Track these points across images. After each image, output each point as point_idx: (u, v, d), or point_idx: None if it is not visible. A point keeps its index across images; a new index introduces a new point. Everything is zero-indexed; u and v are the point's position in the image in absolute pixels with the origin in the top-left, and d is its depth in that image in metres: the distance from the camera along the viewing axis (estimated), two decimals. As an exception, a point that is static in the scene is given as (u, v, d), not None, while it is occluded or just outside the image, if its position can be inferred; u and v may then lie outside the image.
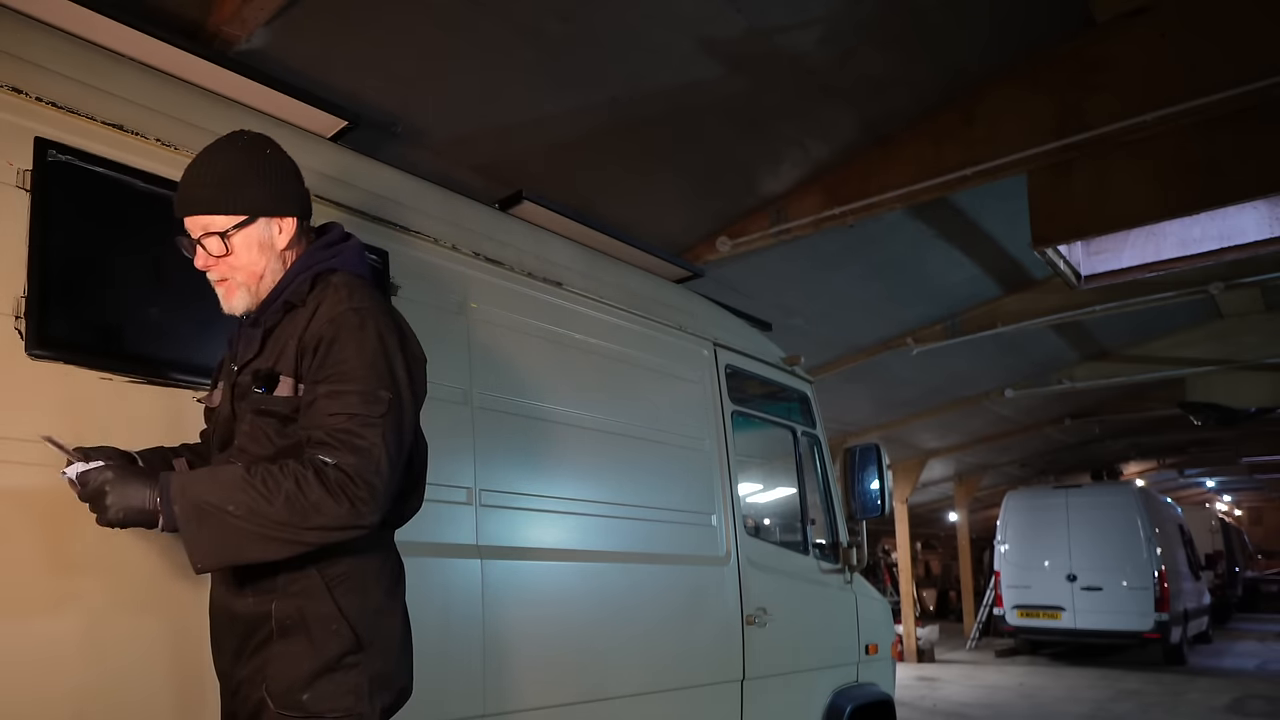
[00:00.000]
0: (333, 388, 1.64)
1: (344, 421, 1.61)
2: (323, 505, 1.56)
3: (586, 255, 3.37)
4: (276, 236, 1.77)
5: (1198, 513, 21.95)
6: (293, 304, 1.75)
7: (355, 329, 1.67)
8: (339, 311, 1.68)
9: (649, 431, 3.34)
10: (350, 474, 1.58)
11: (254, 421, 1.73)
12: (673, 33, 4.08)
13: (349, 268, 1.82)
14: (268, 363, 1.73)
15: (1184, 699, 9.65)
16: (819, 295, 7.41)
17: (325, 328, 1.67)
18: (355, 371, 1.64)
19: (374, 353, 1.67)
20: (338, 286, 1.74)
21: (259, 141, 1.80)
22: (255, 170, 1.74)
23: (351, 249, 1.86)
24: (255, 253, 1.75)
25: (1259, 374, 10.35)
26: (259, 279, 1.78)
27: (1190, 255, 6.20)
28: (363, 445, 1.60)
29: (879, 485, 4.28)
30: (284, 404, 1.70)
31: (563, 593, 2.86)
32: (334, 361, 1.65)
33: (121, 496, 1.55)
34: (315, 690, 1.64)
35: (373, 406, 1.63)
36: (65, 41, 2.06)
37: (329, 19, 3.56)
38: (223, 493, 1.56)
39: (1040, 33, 4.78)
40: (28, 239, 1.84)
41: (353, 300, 1.70)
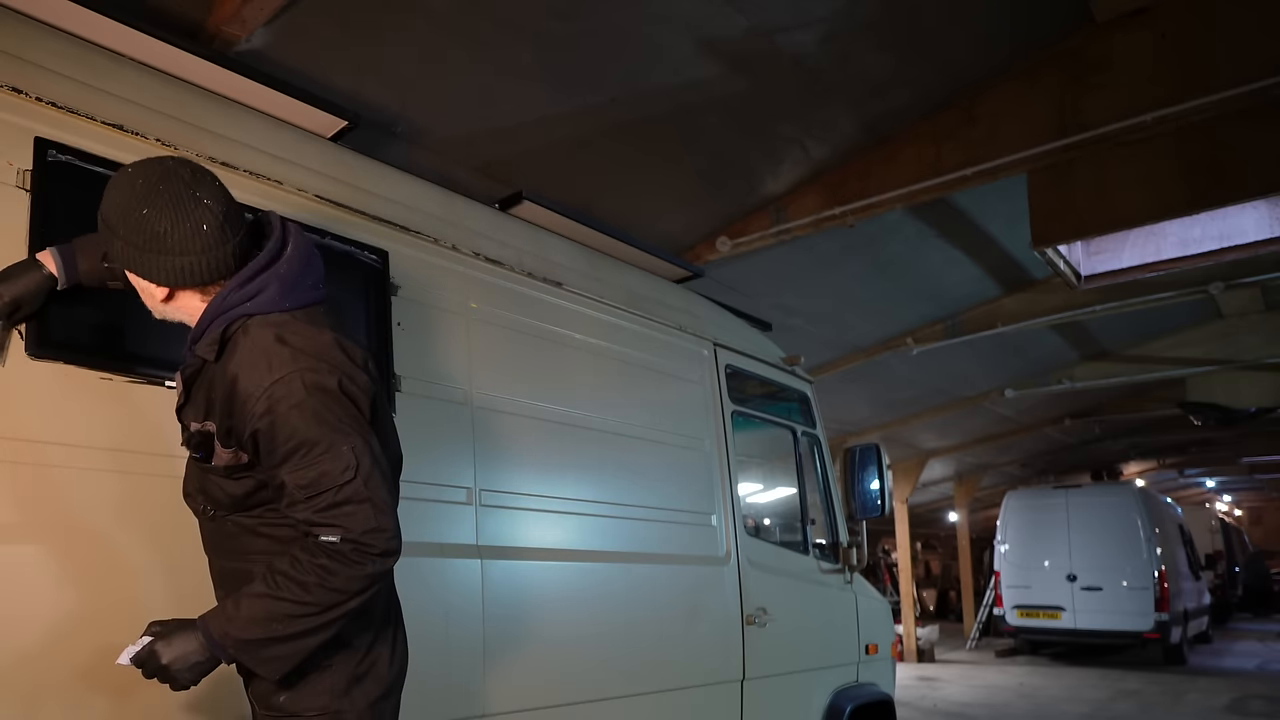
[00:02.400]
0: (295, 467, 1.58)
1: (326, 498, 1.58)
2: (352, 577, 1.59)
3: (586, 255, 3.37)
4: (152, 291, 1.68)
5: (1198, 513, 21.95)
6: (206, 359, 1.67)
7: (285, 400, 1.58)
8: (262, 389, 1.58)
9: (649, 431, 3.34)
10: (359, 540, 1.58)
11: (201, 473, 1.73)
12: (673, 33, 4.08)
13: (267, 308, 1.66)
14: (197, 417, 1.69)
15: (1184, 699, 9.65)
16: (819, 295, 7.41)
17: (256, 415, 1.58)
18: (307, 441, 1.58)
19: (314, 412, 1.59)
20: (250, 353, 1.62)
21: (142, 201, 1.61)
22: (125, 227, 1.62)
23: (274, 278, 1.67)
24: (141, 292, 1.71)
25: (1259, 374, 10.35)
26: (155, 311, 1.73)
27: (1190, 255, 6.21)
28: (350, 509, 1.59)
29: (879, 485, 4.28)
30: (224, 470, 1.68)
31: (563, 593, 2.86)
32: (283, 442, 1.58)
33: (180, 660, 1.56)
34: (291, 692, 1.68)
35: (340, 463, 1.58)
36: (65, 41, 2.06)
37: (329, 19, 3.56)
38: (261, 623, 1.57)
39: (1041, 32, 4.78)
40: (28, 239, 1.85)
41: (272, 369, 1.59)
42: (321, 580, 1.57)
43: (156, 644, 1.57)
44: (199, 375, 1.70)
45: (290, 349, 1.62)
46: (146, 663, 1.57)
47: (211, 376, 1.67)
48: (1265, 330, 9.59)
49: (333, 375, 1.63)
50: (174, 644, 1.56)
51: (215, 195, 1.64)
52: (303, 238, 1.77)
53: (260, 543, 1.72)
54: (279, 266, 1.69)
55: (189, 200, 1.60)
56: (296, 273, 1.71)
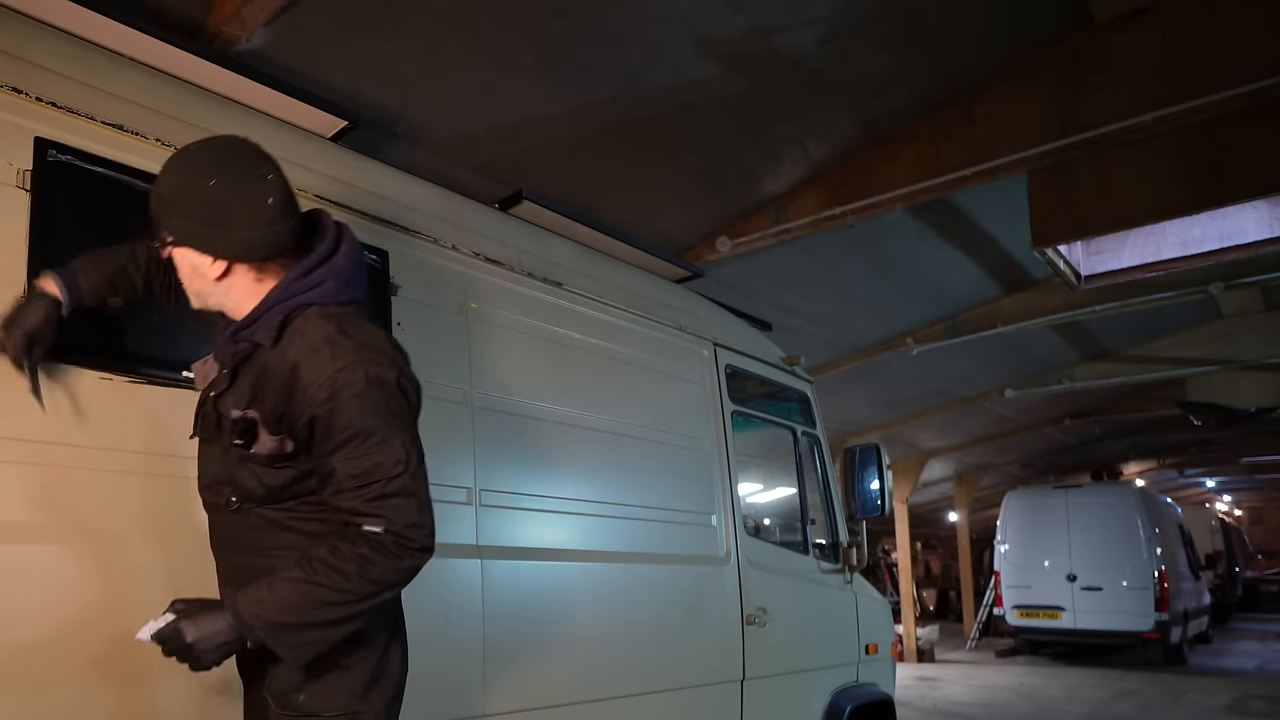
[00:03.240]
0: (348, 454, 1.60)
1: (376, 489, 1.60)
2: (389, 569, 1.60)
3: (586, 255, 3.37)
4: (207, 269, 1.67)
5: (1198, 513, 21.94)
6: (260, 344, 1.66)
7: (347, 389, 1.60)
8: (326, 377, 1.60)
9: (649, 431, 3.34)
10: (402, 533, 1.60)
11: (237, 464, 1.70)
12: (672, 32, 4.08)
13: (327, 300, 1.69)
14: (240, 406, 1.67)
15: (1184, 699, 9.66)
16: (819, 295, 7.41)
17: (317, 402, 1.60)
18: (364, 431, 1.60)
19: (374, 404, 1.61)
20: (314, 341, 1.63)
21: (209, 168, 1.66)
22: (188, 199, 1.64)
23: (331, 274, 1.71)
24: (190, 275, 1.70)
25: (1259, 374, 10.35)
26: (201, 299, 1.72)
27: (1190, 255, 6.22)
28: (398, 502, 1.61)
29: (879, 485, 4.28)
30: (265, 459, 1.66)
31: (563, 593, 2.86)
32: (341, 430, 1.60)
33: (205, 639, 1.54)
34: (310, 690, 1.66)
35: (393, 456, 1.61)
36: (65, 41, 2.06)
37: (329, 19, 3.56)
38: (295, 608, 1.56)
39: (1040, 33, 4.78)
40: (28, 239, 1.85)
41: (335, 359, 1.61)
42: (361, 570, 1.57)
43: (181, 622, 1.54)
44: (248, 361, 1.68)
45: (353, 340, 1.64)
46: (169, 640, 1.53)
47: (265, 362, 1.66)
48: (1265, 330, 9.59)
49: (392, 370, 1.66)
50: (200, 623, 1.54)
51: (277, 171, 1.68)
52: (353, 237, 1.80)
53: (286, 537, 1.70)
54: (336, 261, 1.72)
55: (255, 173, 1.64)
56: (351, 270, 1.75)
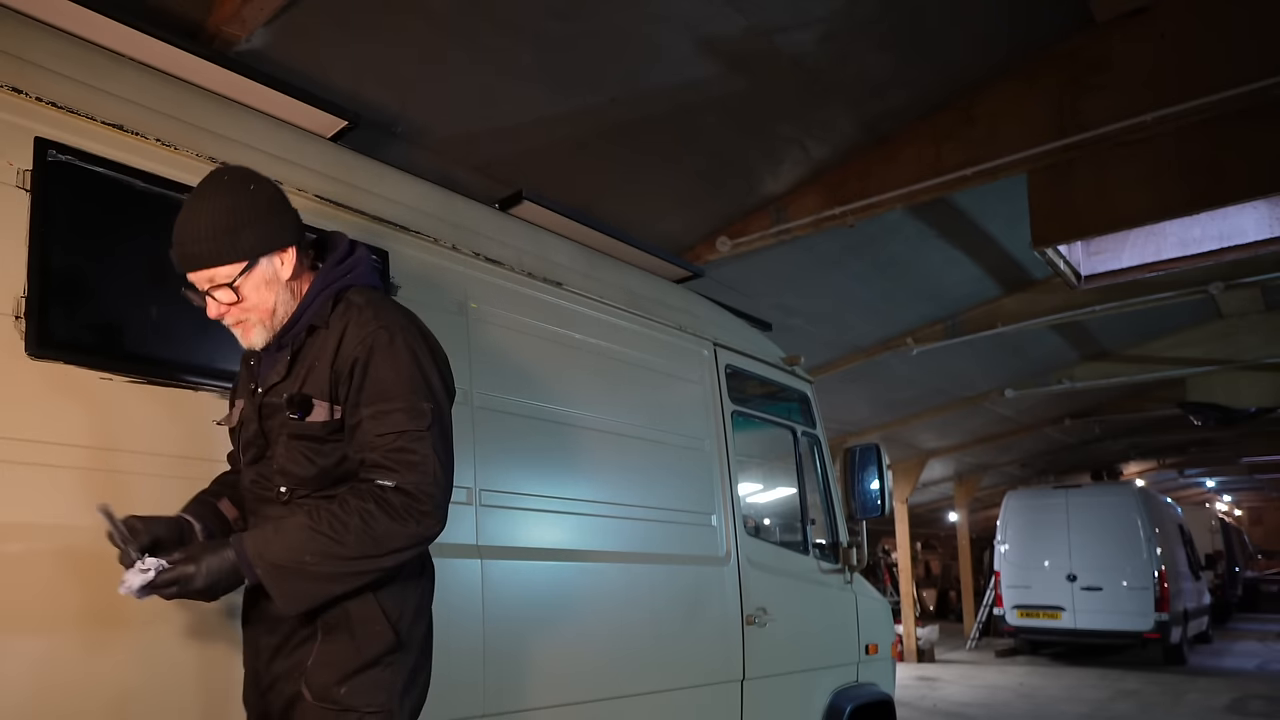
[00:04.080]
0: (376, 408, 1.69)
1: (394, 440, 1.67)
2: (392, 532, 1.65)
3: (586, 255, 3.37)
4: (280, 269, 1.77)
5: (1198, 513, 21.93)
6: (315, 326, 1.79)
7: (386, 347, 1.72)
8: (368, 331, 1.73)
9: (649, 431, 3.34)
10: (411, 491, 1.66)
11: (289, 444, 1.77)
12: (672, 32, 4.08)
13: (363, 281, 1.86)
14: (296, 386, 1.76)
15: (1184, 699, 9.66)
16: (819, 295, 7.41)
17: (357, 349, 1.72)
18: (395, 389, 1.70)
19: (409, 366, 1.73)
20: (361, 306, 1.78)
21: (241, 179, 1.75)
22: (247, 212, 1.71)
23: (361, 261, 1.88)
24: (264, 291, 1.76)
25: (1259, 374, 10.35)
26: (272, 314, 1.79)
27: (1190, 255, 6.21)
28: (416, 460, 1.68)
29: (879, 485, 4.28)
30: (320, 428, 1.75)
31: (563, 593, 2.86)
32: (372, 382, 1.70)
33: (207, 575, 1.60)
34: (352, 685, 1.70)
35: (417, 420, 1.70)
36: (65, 41, 2.06)
37: (329, 19, 3.56)
38: (296, 548, 1.62)
39: (1040, 33, 4.78)
40: (28, 239, 1.85)
41: (379, 319, 1.75)
42: (364, 525, 1.62)
43: (185, 564, 1.60)
44: (303, 348, 1.79)
45: (393, 311, 1.81)
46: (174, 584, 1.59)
47: (320, 342, 1.78)
48: (1265, 330, 9.59)
49: (428, 344, 1.82)
50: (204, 562, 1.61)
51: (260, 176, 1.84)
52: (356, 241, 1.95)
53: None
54: (358, 252, 1.89)
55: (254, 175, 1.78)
56: (370, 262, 1.92)
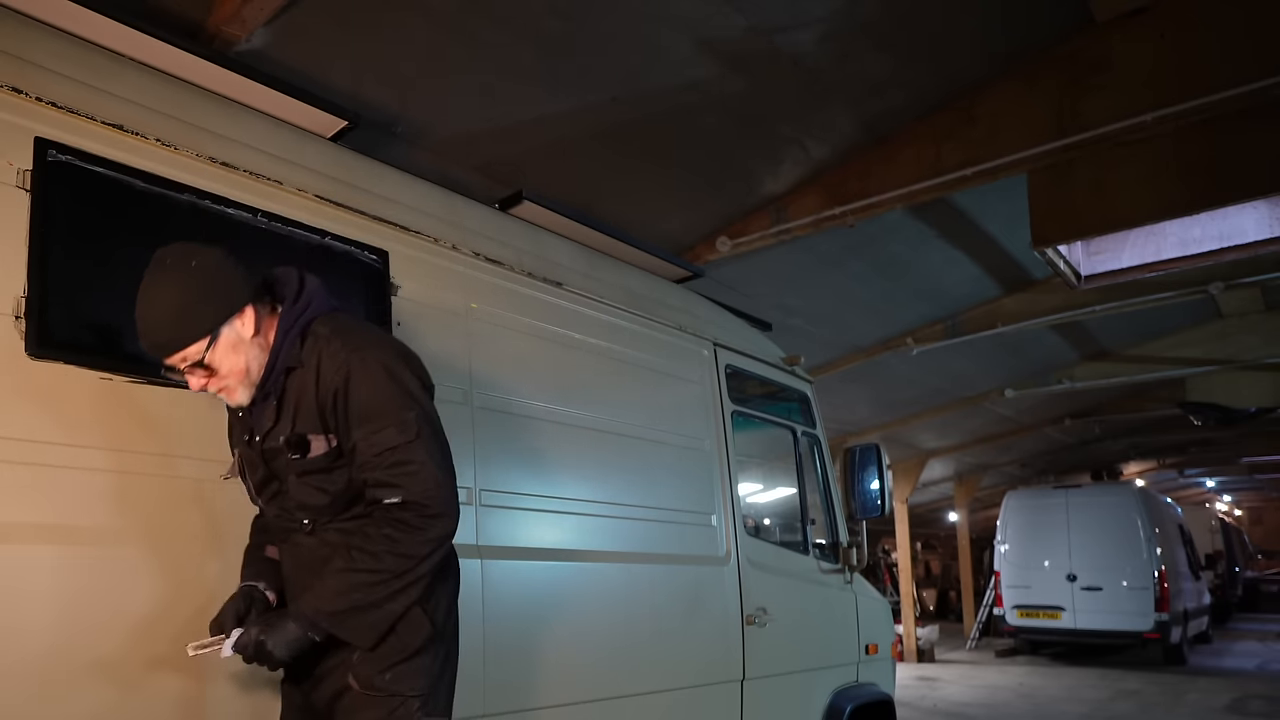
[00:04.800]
0: (366, 429, 1.80)
1: (390, 456, 1.79)
2: (415, 543, 1.78)
3: (586, 255, 3.37)
4: (242, 331, 1.81)
5: (1198, 513, 21.92)
6: (292, 367, 1.86)
7: (360, 369, 1.81)
8: (340, 360, 1.82)
9: (649, 431, 3.34)
10: (417, 499, 1.78)
11: (299, 481, 1.86)
12: (672, 33, 4.08)
13: (323, 309, 1.92)
14: (289, 428, 1.85)
15: (1184, 699, 9.65)
16: (819, 295, 7.40)
17: (335, 379, 1.81)
18: (378, 408, 1.80)
19: (385, 383, 1.82)
20: (328, 337, 1.85)
21: (182, 257, 1.75)
22: (195, 289, 1.73)
23: (314, 291, 1.92)
24: (234, 356, 1.81)
25: (1259, 374, 10.34)
26: (247, 373, 1.84)
27: (1190, 255, 6.21)
28: (414, 470, 1.79)
29: (879, 485, 4.28)
30: (323, 460, 1.84)
31: (563, 593, 2.86)
32: (356, 406, 1.81)
33: (281, 643, 1.75)
34: (396, 672, 1.83)
35: (406, 431, 1.80)
36: (65, 41, 2.06)
37: (329, 19, 3.56)
38: (344, 592, 1.76)
39: (1040, 33, 4.78)
40: (28, 239, 1.85)
41: (348, 344, 1.83)
42: (391, 548, 1.75)
43: (260, 634, 1.75)
44: (285, 391, 1.87)
45: (357, 332, 1.89)
46: (250, 649, 1.75)
47: (299, 382, 1.86)
48: (1265, 330, 9.58)
49: (396, 353, 1.89)
50: (275, 631, 1.75)
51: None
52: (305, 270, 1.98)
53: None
54: (309, 282, 1.92)
55: (194, 247, 1.79)
56: (323, 286, 1.95)
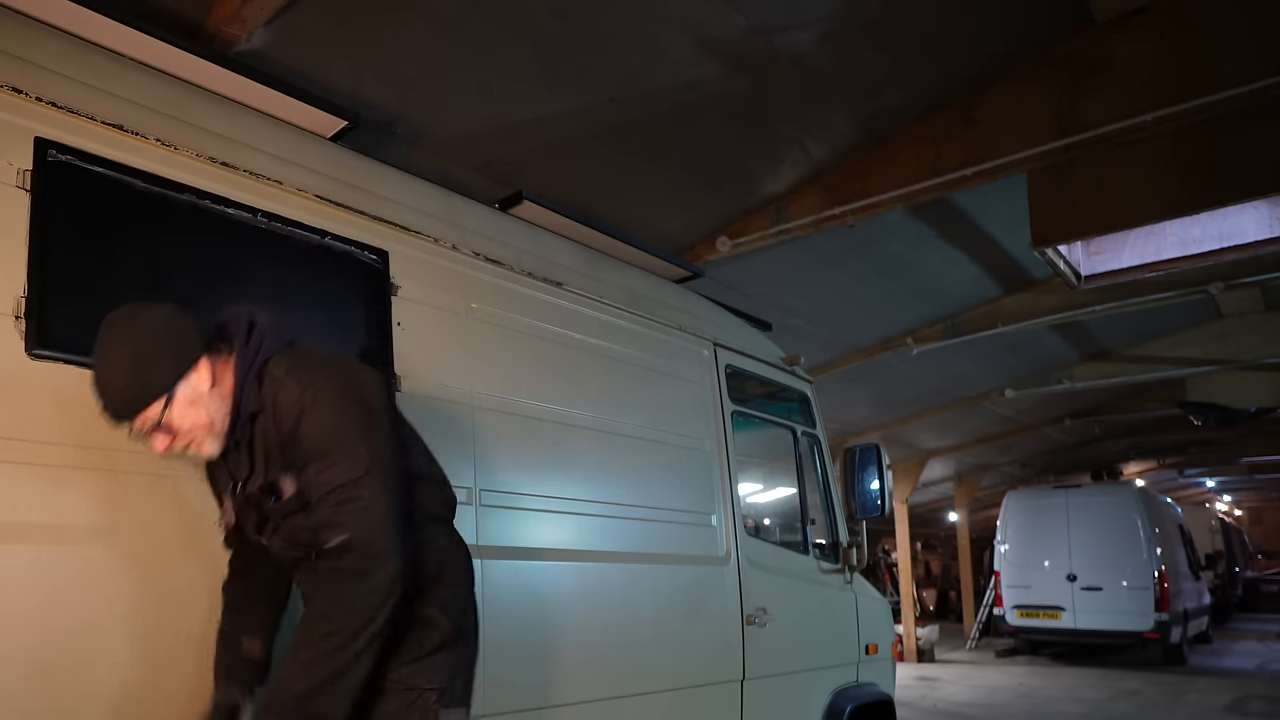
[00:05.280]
0: (317, 467, 1.78)
1: (338, 494, 1.76)
2: (359, 593, 1.73)
3: (586, 255, 3.37)
4: (199, 385, 1.79)
5: (1198, 513, 21.91)
6: (255, 411, 1.84)
7: (311, 407, 1.79)
8: (293, 398, 1.80)
9: (649, 431, 3.34)
10: (357, 543, 1.74)
11: (285, 523, 1.87)
12: (672, 33, 4.08)
13: (277, 348, 1.88)
14: (262, 475, 1.86)
15: (1184, 699, 9.65)
16: (819, 295, 7.40)
17: (289, 419, 1.80)
18: (327, 444, 1.78)
19: (336, 418, 1.80)
20: (281, 378, 1.83)
21: (128, 318, 1.74)
22: (145, 351, 1.72)
23: (265, 331, 1.88)
24: (195, 411, 1.79)
25: (1259, 374, 10.34)
26: (211, 425, 1.82)
27: (1190, 255, 6.20)
28: (362, 506, 1.75)
29: (879, 485, 4.28)
30: (296, 500, 1.83)
31: (563, 593, 2.86)
32: (307, 443, 1.79)
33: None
34: (415, 668, 1.88)
35: (355, 467, 1.77)
36: (65, 41, 2.06)
37: (329, 19, 3.56)
38: (308, 667, 1.71)
39: (1040, 33, 4.78)
40: (28, 239, 1.85)
41: (300, 381, 1.81)
42: (341, 607, 1.72)
43: None
44: (253, 438, 1.85)
45: (309, 368, 1.85)
46: None
47: (264, 426, 1.84)
48: (1265, 330, 9.58)
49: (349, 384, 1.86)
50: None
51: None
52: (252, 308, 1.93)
53: None
54: (259, 321, 1.88)
55: (141, 306, 1.76)
56: (274, 321, 1.91)
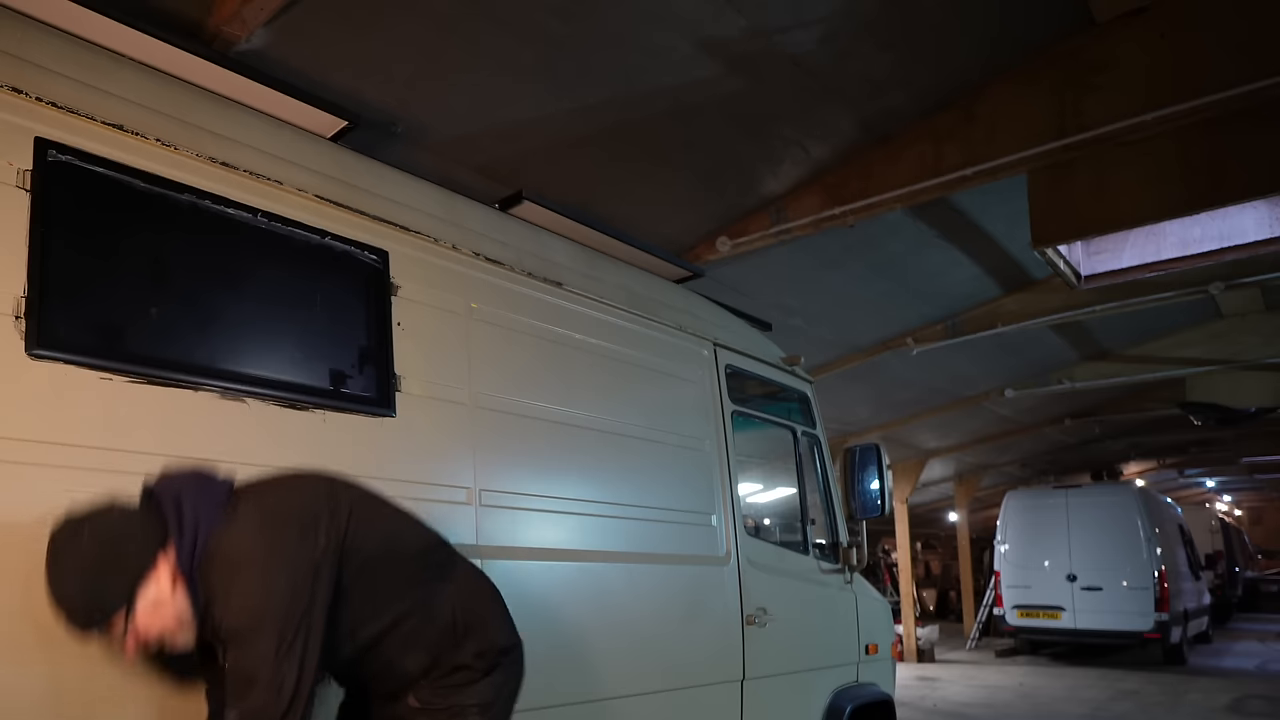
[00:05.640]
0: (227, 644, 1.76)
1: (239, 672, 1.74)
2: None
3: (586, 255, 3.37)
4: (160, 587, 1.73)
5: (1198, 513, 21.91)
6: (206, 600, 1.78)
7: (219, 584, 1.75)
8: (213, 582, 1.76)
9: (649, 431, 3.34)
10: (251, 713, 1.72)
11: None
12: (672, 33, 4.08)
13: (214, 525, 1.79)
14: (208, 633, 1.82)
15: (1184, 699, 9.65)
16: (819, 295, 7.40)
17: (213, 607, 1.76)
18: (232, 620, 1.75)
19: (240, 594, 1.75)
20: (210, 555, 1.77)
21: (74, 534, 1.68)
22: (95, 566, 1.68)
23: (195, 513, 1.78)
24: (160, 611, 1.74)
25: (1259, 374, 10.34)
26: (179, 618, 1.77)
27: (1190, 255, 6.21)
28: (256, 678, 1.72)
29: (879, 485, 4.28)
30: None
31: (563, 593, 2.86)
32: (218, 620, 1.76)
33: None
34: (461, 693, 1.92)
35: (258, 642, 1.73)
36: (65, 41, 2.06)
37: (329, 19, 3.56)
38: None
39: (1040, 33, 4.78)
40: (28, 239, 1.85)
41: (222, 563, 1.76)
42: None
43: None
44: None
45: (230, 543, 1.78)
46: None
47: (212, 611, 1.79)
48: (1265, 330, 9.58)
49: (268, 550, 1.79)
50: None
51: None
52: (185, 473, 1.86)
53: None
54: (186, 507, 1.77)
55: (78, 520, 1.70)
56: (201, 497, 1.81)
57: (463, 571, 2.11)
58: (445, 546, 2.11)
